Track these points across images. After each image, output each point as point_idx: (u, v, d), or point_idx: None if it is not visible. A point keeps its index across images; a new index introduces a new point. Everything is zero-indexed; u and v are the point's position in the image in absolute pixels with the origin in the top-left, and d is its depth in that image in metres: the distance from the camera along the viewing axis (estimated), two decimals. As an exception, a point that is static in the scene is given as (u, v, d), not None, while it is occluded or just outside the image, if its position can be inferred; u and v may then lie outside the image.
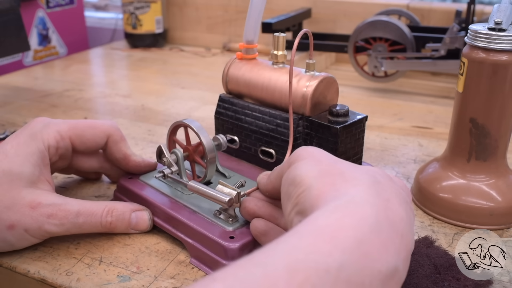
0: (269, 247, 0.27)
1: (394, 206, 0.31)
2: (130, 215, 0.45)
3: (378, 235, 0.28)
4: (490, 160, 0.47)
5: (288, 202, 0.34)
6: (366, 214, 0.29)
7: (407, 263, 0.30)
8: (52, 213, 0.42)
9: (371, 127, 0.70)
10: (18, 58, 1.09)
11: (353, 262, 0.26)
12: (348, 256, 0.26)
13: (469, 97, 0.46)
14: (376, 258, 0.27)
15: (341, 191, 0.31)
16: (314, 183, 0.32)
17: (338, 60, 1.03)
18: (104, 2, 1.46)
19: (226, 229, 0.42)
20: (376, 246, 0.27)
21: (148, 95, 0.85)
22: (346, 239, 0.27)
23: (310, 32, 0.44)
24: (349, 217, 0.28)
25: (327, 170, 0.33)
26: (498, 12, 0.44)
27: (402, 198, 0.33)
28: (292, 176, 0.34)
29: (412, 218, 0.33)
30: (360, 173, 0.33)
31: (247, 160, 0.53)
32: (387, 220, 0.29)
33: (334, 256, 0.26)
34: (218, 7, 1.13)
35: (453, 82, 0.88)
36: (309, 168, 0.34)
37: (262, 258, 0.26)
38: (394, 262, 0.28)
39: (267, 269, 0.25)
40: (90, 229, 0.43)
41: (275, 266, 0.25)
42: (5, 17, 0.74)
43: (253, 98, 0.52)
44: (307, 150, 0.37)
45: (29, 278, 0.42)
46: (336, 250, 0.26)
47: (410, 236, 0.31)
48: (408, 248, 0.30)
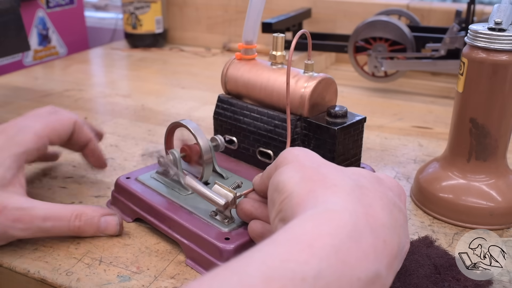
0: (245, 255, 0.26)
1: (376, 211, 0.31)
2: (100, 220, 0.45)
3: (356, 242, 0.28)
4: (490, 160, 0.47)
5: (272, 209, 0.34)
6: (344, 222, 0.28)
7: (392, 268, 0.30)
8: (18, 217, 0.42)
9: (371, 127, 0.70)
10: (18, 58, 1.09)
11: (330, 270, 0.26)
12: (326, 264, 0.26)
13: (469, 97, 0.46)
14: (354, 265, 0.27)
15: (320, 199, 0.31)
16: (296, 189, 0.32)
17: (338, 60, 1.03)
18: (104, 2, 1.46)
19: (221, 230, 0.42)
20: (354, 253, 0.27)
21: (148, 95, 0.85)
22: (323, 246, 0.27)
23: (308, 32, 0.44)
24: (326, 224, 0.28)
25: (309, 175, 0.33)
26: (498, 12, 0.44)
27: (388, 202, 0.32)
28: (276, 182, 0.34)
29: (400, 220, 0.33)
30: (342, 178, 0.33)
31: (245, 161, 0.53)
32: (367, 227, 0.29)
33: (310, 264, 0.25)
34: (218, 7, 1.13)
35: (453, 82, 0.88)
36: (291, 174, 0.34)
37: (238, 267, 0.26)
38: (374, 269, 0.27)
39: (242, 278, 0.24)
40: (59, 233, 0.44)
41: (250, 275, 0.25)
42: (5, 17, 0.74)
43: (252, 99, 0.52)
44: (292, 152, 0.37)
45: (29, 278, 0.42)
46: (312, 258, 0.26)
47: (395, 240, 0.30)
48: (393, 253, 0.30)
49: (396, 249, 0.30)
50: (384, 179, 0.36)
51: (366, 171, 0.35)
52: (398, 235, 0.31)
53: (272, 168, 0.37)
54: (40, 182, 0.56)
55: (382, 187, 0.34)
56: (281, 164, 0.36)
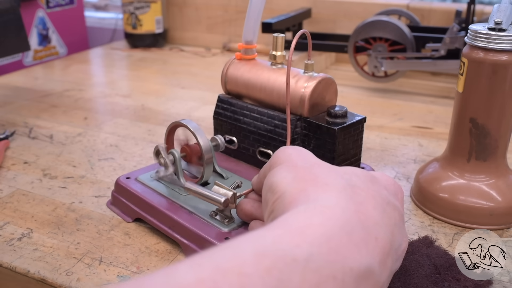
0: (240, 236, 0.27)
1: (368, 209, 0.31)
2: None
3: (348, 234, 0.28)
4: (490, 160, 0.47)
5: (265, 209, 0.34)
6: (336, 215, 0.29)
7: (386, 266, 0.30)
8: None
9: (371, 127, 0.70)
10: (18, 58, 1.09)
11: (322, 255, 0.26)
12: (317, 249, 0.26)
13: (469, 97, 0.46)
14: (346, 255, 0.27)
15: (311, 197, 0.31)
16: (288, 189, 0.32)
17: (338, 60, 1.03)
18: (104, 2, 1.46)
19: (221, 230, 0.42)
20: (346, 244, 0.27)
21: (148, 95, 0.85)
22: (314, 234, 0.27)
23: (308, 32, 0.44)
24: (317, 216, 0.28)
25: (301, 175, 0.33)
26: (498, 12, 0.44)
27: (381, 200, 0.32)
28: (269, 183, 0.34)
29: (395, 218, 0.33)
30: (334, 178, 0.33)
31: (245, 161, 0.53)
32: (359, 223, 0.29)
33: (301, 248, 0.26)
34: (218, 7, 1.13)
35: (453, 82, 0.88)
36: (284, 174, 0.34)
37: (232, 244, 0.26)
38: (367, 263, 0.28)
39: (235, 252, 0.25)
40: None
41: (243, 249, 0.25)
42: (5, 17, 0.74)
43: (252, 99, 0.52)
44: (286, 152, 0.37)
45: (29, 278, 0.42)
46: (303, 242, 0.26)
47: (388, 238, 0.30)
48: (385, 250, 0.30)
49: (388, 247, 0.30)
50: (379, 178, 0.36)
51: (360, 170, 0.36)
52: (392, 233, 0.31)
53: (267, 167, 0.38)
54: (40, 182, 0.56)
55: (376, 186, 0.34)
56: (274, 164, 0.36)
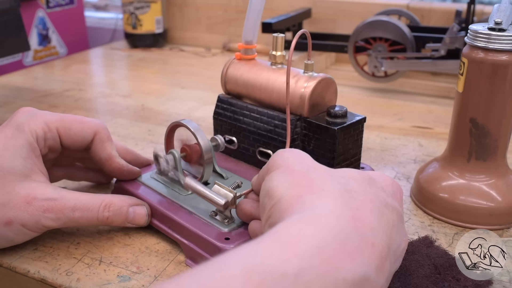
0: (228, 252, 0.27)
1: (364, 214, 0.31)
2: (128, 210, 0.44)
3: (342, 244, 0.28)
4: (490, 160, 0.47)
5: (263, 214, 0.34)
6: (330, 224, 0.29)
7: (383, 270, 0.30)
8: (48, 207, 0.41)
9: (371, 127, 0.70)
10: (18, 58, 1.09)
11: (313, 268, 0.26)
12: (308, 264, 0.26)
13: (469, 97, 0.46)
14: (339, 266, 0.27)
15: (307, 204, 0.31)
16: (284, 195, 0.32)
17: (338, 60, 1.03)
18: (104, 2, 1.46)
19: (221, 230, 0.42)
20: (339, 254, 0.27)
21: (148, 95, 0.85)
22: (306, 247, 0.27)
23: (308, 32, 0.44)
24: (311, 227, 0.28)
25: (298, 181, 0.33)
26: (498, 12, 0.44)
27: (378, 203, 0.32)
28: (266, 188, 0.34)
29: (393, 220, 0.33)
30: (330, 183, 0.33)
31: (245, 161, 0.53)
32: (354, 230, 0.29)
33: (292, 263, 0.25)
34: (218, 7, 1.13)
35: (453, 82, 0.88)
36: (281, 179, 0.34)
37: (220, 261, 0.26)
38: (361, 271, 0.27)
39: (223, 270, 0.25)
40: (87, 223, 0.43)
41: (231, 267, 0.25)
42: (5, 17, 0.74)
43: (252, 99, 0.52)
44: (283, 156, 0.37)
45: (29, 278, 0.42)
46: (294, 257, 0.26)
47: (385, 242, 0.30)
48: (382, 255, 0.30)
49: (386, 251, 0.30)
50: (376, 179, 0.35)
51: (357, 172, 0.35)
52: (389, 236, 0.31)
53: (265, 170, 0.38)
54: (40, 182, 0.56)
55: (373, 189, 0.34)
56: (272, 168, 0.36)
